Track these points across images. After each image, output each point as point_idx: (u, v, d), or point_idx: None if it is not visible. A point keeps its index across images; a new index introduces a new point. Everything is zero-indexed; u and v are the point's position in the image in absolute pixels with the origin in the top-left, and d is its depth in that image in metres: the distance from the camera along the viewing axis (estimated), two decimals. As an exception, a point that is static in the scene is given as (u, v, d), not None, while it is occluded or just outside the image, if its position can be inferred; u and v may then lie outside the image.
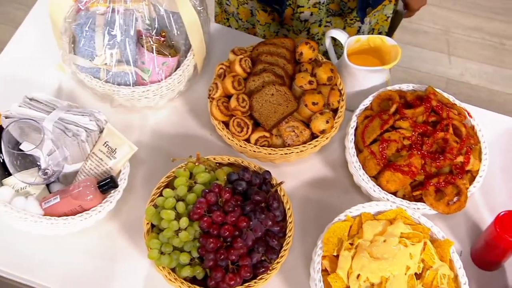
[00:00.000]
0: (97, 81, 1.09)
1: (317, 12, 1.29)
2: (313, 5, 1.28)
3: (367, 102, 1.11)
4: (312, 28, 1.34)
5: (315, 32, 1.35)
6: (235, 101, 1.08)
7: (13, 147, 0.98)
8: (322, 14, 1.30)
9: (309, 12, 1.30)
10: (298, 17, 1.31)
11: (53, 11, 1.08)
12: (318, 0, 1.27)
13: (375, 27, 1.37)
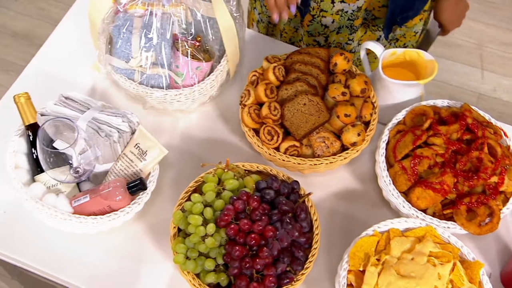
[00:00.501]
0: (131, 83, 1.10)
1: (339, 19, 1.29)
2: (336, 12, 1.27)
3: (400, 117, 1.09)
4: (331, 35, 1.33)
5: (332, 40, 1.34)
6: (266, 109, 1.08)
7: (47, 144, 0.99)
8: (343, 22, 1.29)
9: (331, 18, 1.29)
10: (319, 20, 1.30)
11: (92, 11, 1.09)
12: (342, 8, 1.26)
13: (400, 39, 1.36)
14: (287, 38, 1.41)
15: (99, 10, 1.08)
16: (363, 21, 1.31)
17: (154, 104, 1.15)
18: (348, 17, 1.28)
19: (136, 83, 1.10)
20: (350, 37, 1.33)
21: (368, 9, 1.27)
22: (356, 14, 1.28)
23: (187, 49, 1.10)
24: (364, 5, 1.26)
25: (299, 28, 1.37)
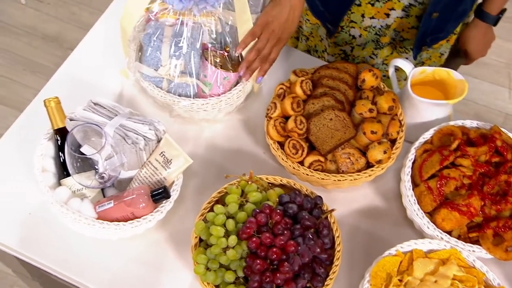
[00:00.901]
0: (159, 91, 1.11)
1: (366, 35, 1.28)
2: (365, 28, 1.27)
3: (427, 136, 1.08)
4: (355, 49, 1.33)
5: (356, 54, 1.33)
6: (292, 122, 1.08)
7: (75, 149, 1.00)
8: (370, 37, 1.28)
9: (359, 32, 1.28)
10: (348, 31, 1.30)
11: (124, 19, 1.10)
12: (371, 24, 1.25)
13: (426, 62, 1.35)
14: (311, 44, 1.41)
15: (131, 18, 1.09)
16: (391, 41, 1.30)
17: (181, 112, 1.16)
18: (375, 32, 1.28)
19: (164, 91, 1.10)
20: (374, 52, 1.32)
21: (397, 29, 1.27)
22: (384, 31, 1.27)
23: (216, 59, 1.11)
24: (394, 25, 1.25)
25: (324, 39, 1.38)
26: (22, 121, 1.19)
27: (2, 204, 1.08)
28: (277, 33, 1.08)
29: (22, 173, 1.11)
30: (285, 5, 1.07)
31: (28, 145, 1.09)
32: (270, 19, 1.07)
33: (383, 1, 1.21)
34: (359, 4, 1.22)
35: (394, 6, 1.21)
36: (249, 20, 1.07)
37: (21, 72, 2.23)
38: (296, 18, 1.10)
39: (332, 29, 1.29)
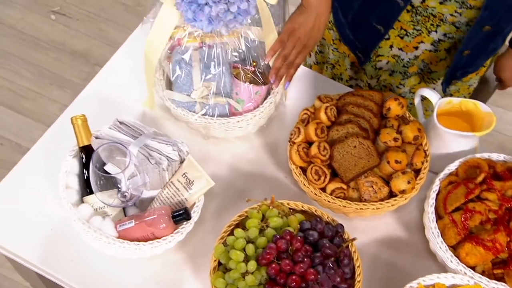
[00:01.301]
0: (193, 115, 1.12)
1: (394, 63, 1.28)
2: (392, 56, 1.26)
3: (452, 167, 1.07)
4: (382, 74, 1.32)
5: (382, 78, 1.33)
6: (316, 148, 1.07)
7: (99, 167, 1.01)
8: (397, 67, 1.28)
9: (386, 60, 1.28)
10: (374, 64, 1.29)
11: (149, 50, 1.11)
12: (399, 54, 1.25)
13: (454, 94, 1.34)
14: (337, 72, 1.41)
15: (155, 48, 1.10)
16: (418, 71, 1.30)
17: (215, 133, 1.16)
18: (403, 64, 1.27)
19: (199, 115, 1.11)
20: (402, 82, 1.32)
21: (426, 61, 1.26)
22: (412, 62, 1.27)
23: (246, 75, 1.12)
24: (422, 56, 1.25)
25: (349, 68, 1.37)
26: (49, 136, 1.21)
27: (25, 219, 1.09)
28: (302, 40, 1.09)
29: (46, 188, 1.12)
30: (311, 12, 1.08)
31: (54, 160, 1.10)
32: (296, 26, 1.09)
33: (412, 36, 1.20)
34: (388, 38, 1.22)
35: (423, 40, 1.21)
36: (273, 31, 1.09)
37: (48, 86, 2.27)
38: (322, 25, 1.10)
39: (363, 59, 1.29)
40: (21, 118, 2.21)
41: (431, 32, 1.19)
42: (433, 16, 1.15)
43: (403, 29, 1.20)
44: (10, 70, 2.29)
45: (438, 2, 1.11)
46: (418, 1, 1.12)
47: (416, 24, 1.18)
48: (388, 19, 1.17)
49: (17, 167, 1.16)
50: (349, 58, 1.34)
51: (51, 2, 2.44)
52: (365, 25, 1.21)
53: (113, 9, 2.45)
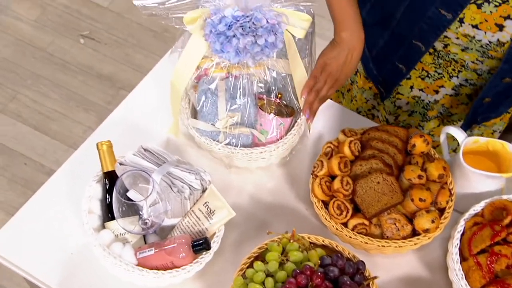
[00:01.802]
0: (217, 144, 1.12)
1: (413, 103, 1.27)
2: (413, 97, 1.26)
3: (478, 208, 1.05)
4: (402, 114, 1.32)
5: (401, 119, 1.32)
6: (339, 183, 1.07)
7: (122, 194, 1.01)
8: (417, 108, 1.27)
9: (406, 100, 1.27)
10: (394, 101, 1.29)
11: (176, 79, 1.12)
12: (419, 95, 1.25)
13: None
14: (355, 105, 1.41)
15: (182, 78, 1.11)
16: (438, 114, 1.29)
17: (238, 163, 1.17)
18: (423, 105, 1.27)
19: (222, 144, 1.12)
20: (421, 124, 1.31)
21: (446, 106, 1.26)
22: (431, 106, 1.26)
23: (271, 107, 1.12)
24: (442, 101, 1.24)
25: (371, 99, 1.37)
26: (75, 159, 1.22)
27: (47, 241, 1.10)
28: (334, 74, 1.10)
29: (69, 212, 1.13)
30: (343, 47, 1.09)
31: (79, 183, 1.11)
32: (328, 61, 1.09)
33: (433, 78, 1.20)
34: (409, 78, 1.22)
35: (444, 84, 1.21)
36: (300, 64, 1.09)
37: (74, 108, 2.31)
38: (355, 60, 1.11)
39: (384, 94, 1.29)
40: (46, 139, 2.25)
41: (452, 77, 1.19)
42: (455, 62, 1.15)
43: (424, 70, 1.20)
44: (39, 92, 2.35)
45: (460, 49, 1.10)
46: (440, 46, 1.12)
47: (438, 67, 1.18)
48: (410, 60, 1.17)
49: (43, 189, 1.17)
50: (370, 91, 1.34)
51: (81, 27, 2.51)
52: (388, 63, 1.21)
53: (141, 35, 2.50)
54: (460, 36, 1.06)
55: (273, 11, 1.03)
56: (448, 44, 1.11)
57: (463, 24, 1.03)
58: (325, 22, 1.79)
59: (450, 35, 1.07)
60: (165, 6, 0.97)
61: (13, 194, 2.12)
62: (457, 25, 1.04)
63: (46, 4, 2.55)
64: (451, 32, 1.06)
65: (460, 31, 1.05)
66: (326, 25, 1.90)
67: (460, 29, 1.04)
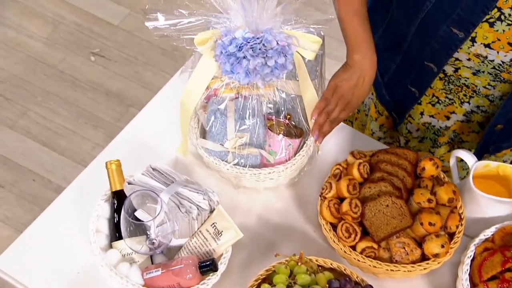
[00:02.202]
0: (225, 164, 1.13)
1: (424, 130, 1.27)
2: (423, 123, 1.26)
3: (488, 233, 1.04)
4: (412, 141, 1.31)
5: (412, 145, 1.32)
6: (347, 205, 1.06)
7: (130, 213, 1.01)
8: (428, 134, 1.27)
9: (417, 127, 1.27)
10: (405, 123, 1.29)
11: (186, 99, 1.13)
12: (430, 121, 1.24)
13: None
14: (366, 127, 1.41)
15: (192, 97, 1.12)
16: (449, 140, 1.28)
17: (246, 183, 1.17)
18: (434, 131, 1.26)
19: (231, 164, 1.12)
20: (431, 150, 1.31)
21: (457, 132, 1.25)
22: (442, 132, 1.26)
23: (280, 128, 1.13)
24: (454, 127, 1.24)
25: (383, 126, 1.37)
26: (84, 177, 1.22)
27: (54, 261, 1.10)
28: (346, 97, 1.09)
29: (77, 230, 1.13)
30: (355, 70, 1.09)
31: (88, 201, 1.11)
32: (339, 83, 1.09)
33: (444, 104, 1.20)
34: (420, 103, 1.22)
35: (455, 110, 1.20)
36: (310, 85, 1.10)
37: (83, 125, 2.33)
38: (366, 84, 1.11)
39: (398, 120, 1.28)
40: (54, 155, 2.26)
41: (463, 103, 1.18)
42: (466, 87, 1.14)
43: (435, 96, 1.20)
44: (49, 108, 2.37)
45: (471, 72, 1.10)
46: (451, 70, 1.12)
47: (449, 92, 1.17)
48: (423, 82, 1.17)
49: (51, 206, 1.18)
50: (377, 122, 1.34)
51: (92, 44, 2.54)
52: (401, 87, 1.21)
53: (150, 53, 2.53)
54: (472, 57, 1.06)
55: (283, 33, 1.04)
56: (459, 68, 1.10)
57: (475, 43, 1.02)
58: (334, 42, 1.81)
59: (462, 56, 1.07)
60: (176, 28, 0.98)
61: (21, 210, 2.13)
62: (469, 45, 1.03)
63: (58, 22, 2.59)
64: (463, 53, 1.06)
65: (472, 51, 1.04)
66: (334, 45, 1.91)
67: (472, 48, 1.03)
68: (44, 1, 2.64)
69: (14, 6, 2.62)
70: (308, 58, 1.09)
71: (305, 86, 1.10)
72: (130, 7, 2.63)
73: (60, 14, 2.61)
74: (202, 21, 1.01)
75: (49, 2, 2.64)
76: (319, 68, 1.14)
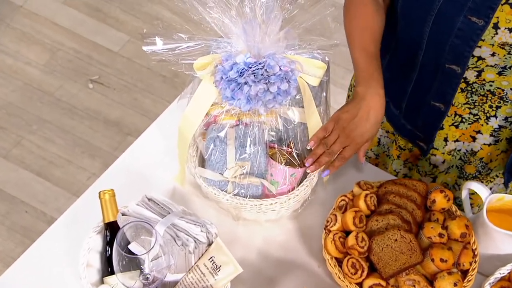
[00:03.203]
0: (225, 194, 1.10)
1: (450, 159, 1.24)
2: (449, 152, 1.23)
3: (504, 271, 1.01)
4: (439, 176, 1.28)
5: (440, 181, 1.29)
6: (353, 239, 1.04)
7: (123, 246, 0.99)
8: (454, 161, 1.24)
9: (442, 158, 1.24)
10: (428, 158, 1.26)
11: (184, 126, 1.12)
12: (455, 147, 1.22)
13: None
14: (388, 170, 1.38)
15: (191, 125, 1.11)
16: (476, 173, 1.25)
17: (247, 215, 1.15)
18: (460, 156, 1.23)
19: (231, 195, 1.10)
20: (458, 182, 1.28)
21: (484, 160, 1.22)
22: (469, 158, 1.23)
23: (282, 157, 1.11)
24: (481, 153, 1.20)
25: (404, 166, 1.34)
26: (76, 208, 1.21)
27: (41, 296, 1.08)
28: (347, 130, 1.04)
29: (67, 264, 1.11)
30: (362, 105, 1.05)
31: (79, 232, 1.09)
32: (341, 115, 1.05)
33: (468, 122, 1.16)
34: (442, 127, 1.19)
35: (481, 129, 1.16)
36: (315, 112, 1.08)
37: (79, 154, 2.32)
38: (372, 119, 1.05)
39: (426, 148, 1.24)
40: (48, 186, 2.24)
41: (489, 118, 1.14)
42: (491, 94, 1.09)
43: (457, 115, 1.16)
44: (44, 137, 2.36)
45: (496, 72, 1.04)
46: (473, 75, 1.07)
47: (472, 106, 1.13)
48: (447, 91, 1.11)
49: (41, 238, 1.16)
50: (400, 159, 1.32)
51: (91, 71, 2.55)
52: (423, 106, 1.17)
53: (150, 80, 2.54)
54: (496, 49, 1.00)
55: (286, 58, 1.03)
56: (482, 70, 1.05)
57: (498, 30, 0.97)
58: (340, 70, 1.81)
59: (485, 52, 1.01)
60: (175, 52, 0.97)
61: (11, 243, 2.10)
62: (492, 33, 0.98)
63: (56, 49, 2.61)
64: (486, 46, 1.00)
65: (496, 40, 0.98)
66: (341, 73, 1.92)
67: (496, 37, 0.98)
68: (43, 27, 2.67)
69: (12, 33, 2.65)
70: (312, 84, 1.08)
71: (310, 112, 1.09)
72: (130, 33, 2.65)
73: (58, 41, 2.63)
74: (202, 45, 1.00)
75: (48, 29, 2.67)
76: (324, 95, 1.13)
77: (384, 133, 1.34)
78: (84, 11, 2.72)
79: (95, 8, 2.72)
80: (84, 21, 2.69)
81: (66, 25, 2.68)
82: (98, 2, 2.74)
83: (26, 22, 2.68)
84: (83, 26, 2.67)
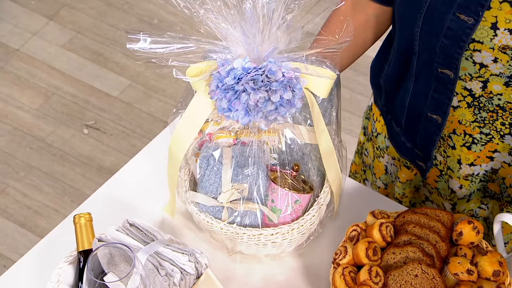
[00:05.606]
0: (219, 222, 1.04)
1: (468, 185, 1.18)
2: (465, 176, 1.18)
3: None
4: (459, 203, 1.23)
5: (461, 209, 1.23)
6: (366, 273, 0.96)
7: (96, 275, 0.92)
8: (474, 187, 1.19)
9: (459, 184, 1.19)
10: (447, 179, 1.21)
11: (174, 145, 1.07)
12: (471, 172, 1.16)
13: None
14: (406, 202, 1.33)
15: (182, 143, 1.06)
16: (499, 195, 1.20)
17: (243, 248, 1.09)
18: (480, 178, 1.18)
19: (225, 223, 1.04)
20: (484, 201, 1.22)
21: (506, 183, 1.16)
22: (489, 176, 1.18)
23: (286, 181, 1.05)
24: (502, 172, 1.15)
25: (420, 187, 1.29)
26: (50, 239, 1.17)
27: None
28: None
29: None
30: None
31: (48, 264, 1.05)
32: None
33: (481, 143, 1.12)
34: (453, 147, 1.15)
35: (497, 148, 1.12)
36: (325, 130, 1.03)
37: (69, 204, 2.28)
38: None
39: (425, 167, 1.22)
40: (31, 237, 2.19)
41: (504, 136, 1.09)
42: (502, 110, 1.05)
43: (467, 135, 1.12)
44: (31, 185, 2.34)
45: (503, 83, 1.01)
46: (478, 86, 1.04)
47: (482, 125, 1.09)
48: (442, 100, 1.10)
49: (9, 271, 1.12)
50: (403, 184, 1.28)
51: (86, 116, 2.56)
52: (421, 120, 1.16)
53: (150, 125, 2.53)
54: (498, 54, 0.98)
55: (290, 64, 1.00)
56: (487, 81, 1.02)
57: (497, 31, 0.95)
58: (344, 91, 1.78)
59: (487, 58, 0.99)
60: (165, 52, 0.95)
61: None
62: (491, 35, 0.96)
63: (51, 93, 2.63)
64: (486, 50, 0.98)
65: (496, 43, 0.96)
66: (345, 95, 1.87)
67: (496, 39, 0.96)
68: (38, 71, 2.71)
69: (5, 76, 2.70)
70: (320, 96, 1.04)
71: (320, 129, 1.04)
72: (132, 78, 2.68)
73: (55, 85, 2.66)
74: (195, 48, 0.98)
75: (44, 73, 2.71)
76: (334, 110, 1.09)
77: (390, 159, 1.32)
78: (84, 55, 2.77)
79: (96, 52, 2.77)
80: (84, 65, 2.73)
81: (64, 69, 2.72)
82: (99, 46, 2.79)
83: (21, 65, 2.73)
84: (82, 71, 2.71)
